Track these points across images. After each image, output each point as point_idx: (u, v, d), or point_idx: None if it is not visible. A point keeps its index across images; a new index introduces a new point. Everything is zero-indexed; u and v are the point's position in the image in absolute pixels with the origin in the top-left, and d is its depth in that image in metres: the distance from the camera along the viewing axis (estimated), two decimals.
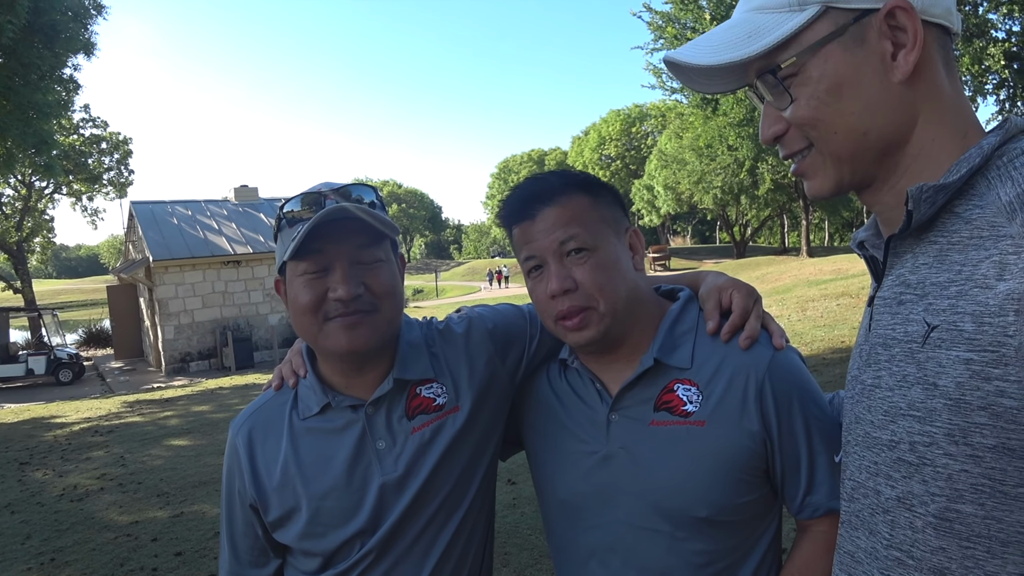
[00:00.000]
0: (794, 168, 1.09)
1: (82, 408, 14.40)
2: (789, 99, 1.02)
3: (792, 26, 0.99)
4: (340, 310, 1.40)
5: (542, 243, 1.38)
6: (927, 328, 0.93)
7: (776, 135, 1.07)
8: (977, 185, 0.95)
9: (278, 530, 1.51)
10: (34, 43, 15.09)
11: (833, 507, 1.38)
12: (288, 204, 1.45)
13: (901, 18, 0.98)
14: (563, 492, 1.51)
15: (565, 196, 1.39)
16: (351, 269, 1.41)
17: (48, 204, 36.98)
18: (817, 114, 1.00)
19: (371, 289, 1.42)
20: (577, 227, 1.37)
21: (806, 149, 1.05)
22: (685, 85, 1.18)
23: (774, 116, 1.06)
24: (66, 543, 6.09)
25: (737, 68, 1.10)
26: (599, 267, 1.37)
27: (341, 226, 1.39)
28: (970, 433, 0.87)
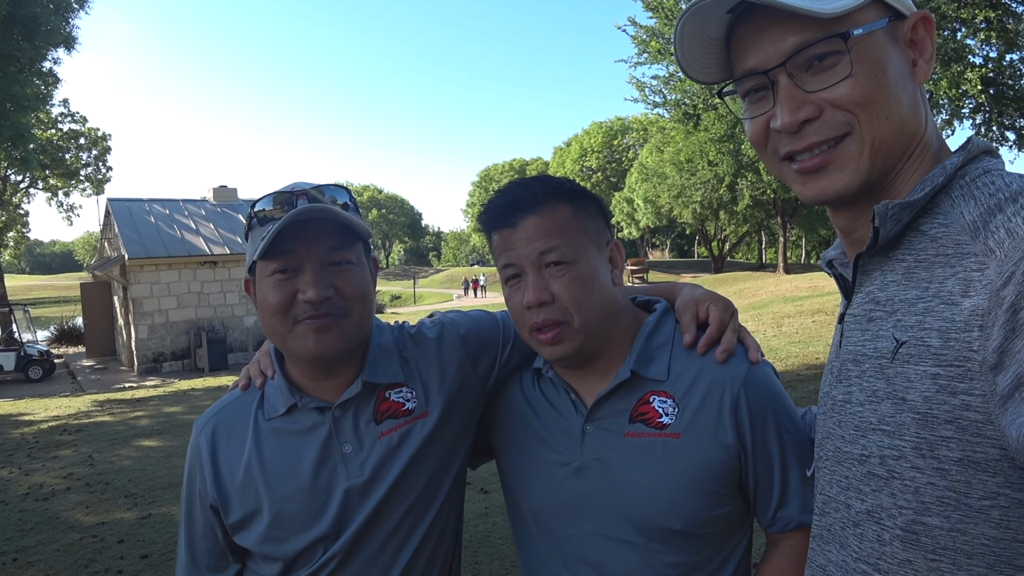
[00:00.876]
0: (812, 161, 1.03)
1: (51, 406, 14.20)
2: (846, 72, 0.98)
3: (853, 1, 0.97)
4: (309, 312, 1.38)
5: (521, 252, 1.36)
6: (896, 344, 0.95)
7: (808, 118, 1.01)
8: (941, 203, 0.99)
9: (239, 533, 1.47)
10: (14, 35, 14.97)
11: (804, 521, 1.39)
12: (260, 203, 1.43)
13: (923, 29, 1.03)
14: (535, 502, 1.50)
15: (548, 205, 1.37)
16: (321, 271, 1.39)
17: (23, 198, 36.52)
18: (874, 93, 0.98)
19: (341, 292, 1.40)
20: (557, 239, 1.35)
21: (839, 137, 1.01)
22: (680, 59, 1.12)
23: (801, 98, 1.01)
24: (30, 543, 5.99)
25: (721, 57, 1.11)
26: (576, 281, 1.35)
27: (312, 227, 1.37)
28: (937, 446, 0.89)
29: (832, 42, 0.98)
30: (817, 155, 1.03)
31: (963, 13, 14.89)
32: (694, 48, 1.11)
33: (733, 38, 1.08)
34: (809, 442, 1.44)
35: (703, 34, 1.09)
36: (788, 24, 0.99)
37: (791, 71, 1.01)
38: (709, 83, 1.17)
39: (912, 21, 1.03)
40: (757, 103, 1.08)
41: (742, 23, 1.06)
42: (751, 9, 1.03)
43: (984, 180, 0.96)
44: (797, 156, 1.05)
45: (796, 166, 1.06)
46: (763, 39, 1.02)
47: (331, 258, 1.40)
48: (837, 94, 0.99)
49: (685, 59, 1.12)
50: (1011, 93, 15.78)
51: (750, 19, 1.04)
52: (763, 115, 1.07)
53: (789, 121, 1.02)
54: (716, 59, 1.13)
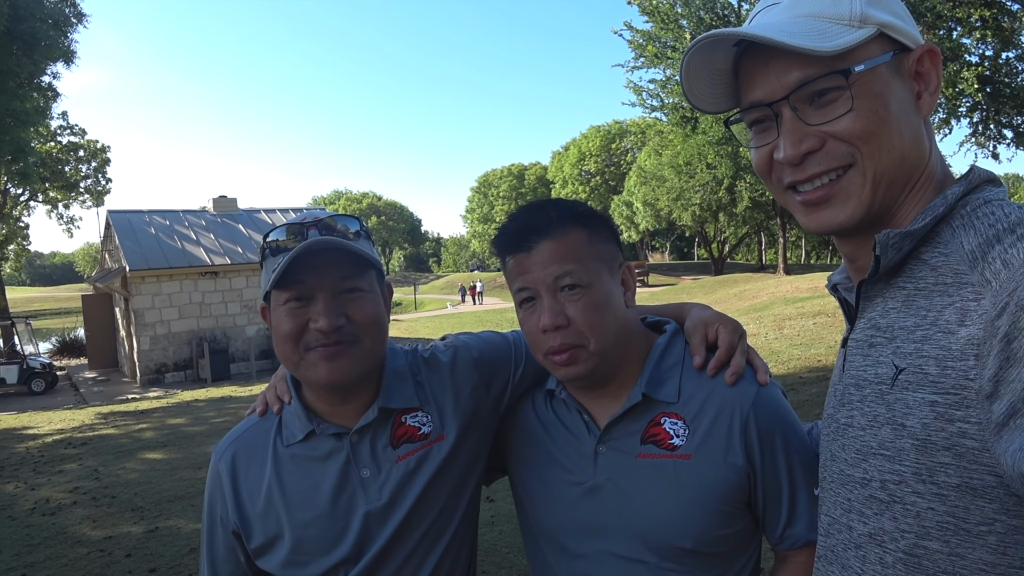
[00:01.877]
0: (816, 194, 1.05)
1: (55, 419, 14.22)
2: (847, 107, 1.00)
3: (855, 38, 0.99)
4: (321, 340, 1.40)
5: (536, 276, 1.38)
6: (895, 371, 0.97)
7: (810, 150, 1.03)
8: (942, 233, 1.00)
9: (261, 557, 1.50)
10: (13, 50, 15.00)
11: (812, 539, 1.40)
12: (273, 233, 1.46)
13: (929, 62, 1.05)
14: (548, 520, 1.52)
15: (562, 230, 1.39)
16: (333, 300, 1.41)
17: (23, 211, 36.59)
18: (875, 127, 1.00)
19: (353, 320, 1.42)
20: (572, 263, 1.37)
21: (842, 168, 1.03)
22: (686, 91, 1.15)
23: (803, 131, 1.03)
24: (37, 558, 6.01)
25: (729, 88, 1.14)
26: (591, 305, 1.37)
27: (323, 257, 1.40)
28: (936, 472, 0.91)
29: (833, 78, 1.00)
30: (820, 188, 1.05)
31: (958, 12, 14.92)
32: (700, 79, 1.13)
33: (741, 69, 1.11)
34: (816, 460, 1.44)
35: (710, 66, 1.11)
36: (792, 59, 1.01)
37: (794, 104, 1.03)
38: (716, 112, 1.19)
39: (918, 54, 1.04)
40: (762, 133, 1.10)
41: (748, 55, 1.08)
42: (756, 43, 1.04)
43: (984, 210, 0.97)
44: (800, 187, 1.07)
45: (800, 198, 1.08)
46: (768, 73, 1.04)
47: (343, 286, 1.43)
48: (838, 128, 1.01)
49: (691, 90, 1.14)
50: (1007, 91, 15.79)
51: (756, 52, 1.06)
52: (767, 145, 1.09)
53: (792, 154, 1.04)
54: (724, 89, 1.15)
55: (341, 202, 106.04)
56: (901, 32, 1.03)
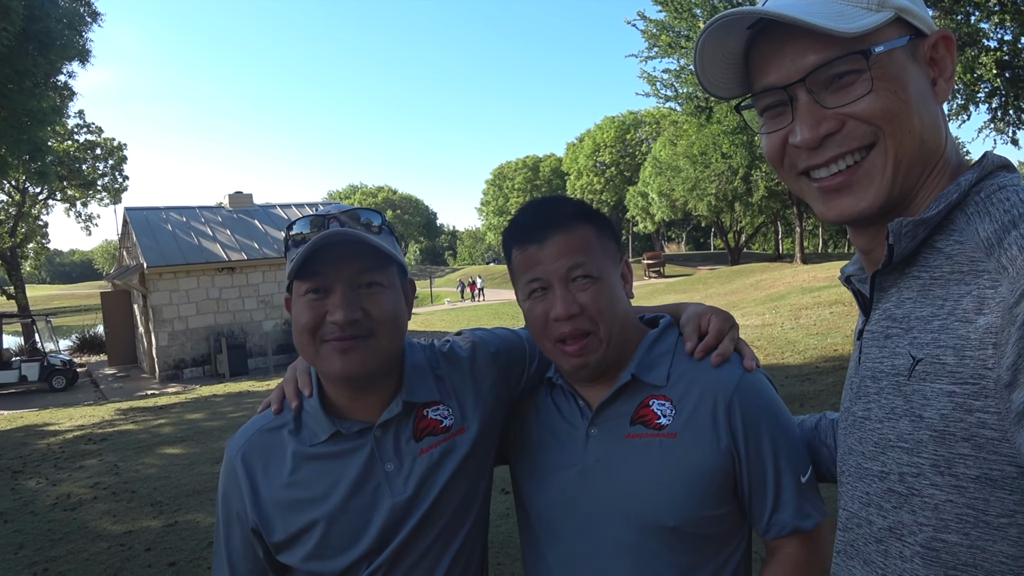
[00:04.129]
0: (835, 179, 1.04)
1: (75, 415, 14.36)
2: (866, 89, 0.98)
3: (874, 21, 0.98)
4: (336, 333, 1.40)
5: (550, 267, 1.43)
6: (912, 361, 0.96)
7: (829, 132, 1.02)
8: (956, 220, 0.99)
9: (283, 552, 1.50)
10: (29, 50, 15.10)
11: (799, 526, 1.43)
12: (296, 225, 1.47)
13: (943, 49, 1.04)
14: (539, 504, 1.55)
15: (574, 224, 1.46)
16: (350, 293, 1.42)
17: (42, 210, 36.89)
18: (897, 108, 0.98)
19: (369, 314, 1.42)
20: (584, 256, 1.43)
21: (864, 149, 1.01)
22: (699, 75, 1.13)
23: (821, 114, 1.01)
24: (59, 553, 6.08)
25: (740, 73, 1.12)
26: (601, 294, 1.43)
27: (344, 249, 1.41)
28: (954, 464, 0.90)
29: (853, 60, 0.98)
30: (840, 173, 1.03)
31: None
32: (715, 64, 1.12)
33: (752, 53, 1.09)
34: (804, 449, 1.49)
35: (723, 50, 1.10)
36: (809, 41, 1.00)
37: (811, 87, 1.01)
38: (728, 98, 1.18)
39: (932, 40, 1.03)
40: (775, 119, 1.08)
41: (762, 39, 1.06)
42: (771, 25, 1.03)
43: (999, 196, 0.96)
44: (814, 172, 1.05)
45: (818, 184, 1.06)
46: (783, 55, 1.03)
47: (361, 280, 1.43)
48: (859, 108, 0.99)
49: (705, 75, 1.13)
50: None
51: (770, 35, 1.04)
52: (781, 130, 1.07)
53: (810, 136, 1.02)
54: (735, 74, 1.14)
55: (356, 196, 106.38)
56: (916, 17, 1.02)
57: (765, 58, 1.06)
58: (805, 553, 1.45)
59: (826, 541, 1.48)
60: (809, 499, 1.45)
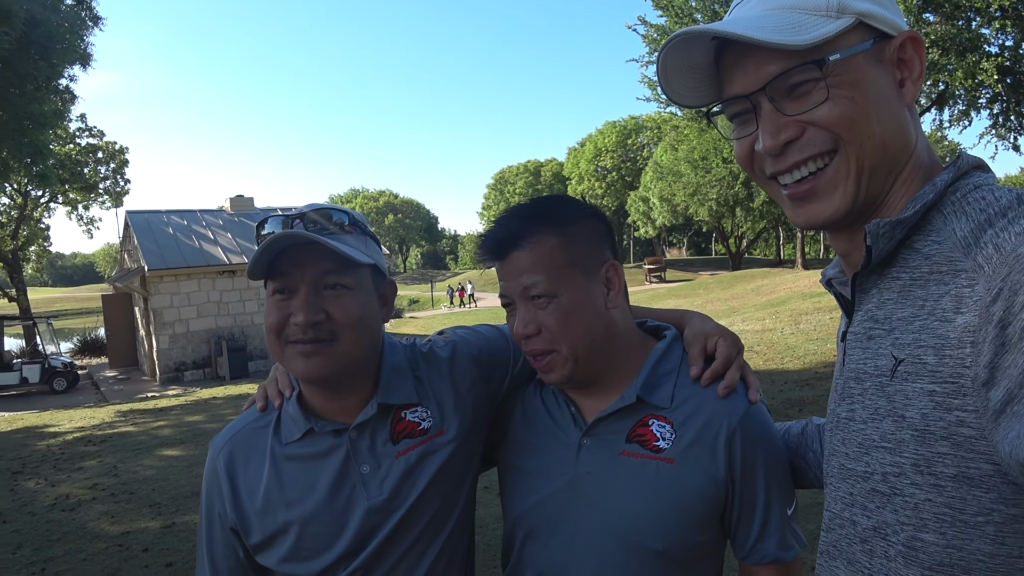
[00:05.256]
0: (802, 188, 1.05)
1: (75, 417, 14.39)
2: (823, 97, 0.99)
3: (832, 29, 0.99)
4: (298, 335, 1.39)
5: (510, 285, 1.43)
6: (894, 362, 0.97)
7: (789, 139, 1.03)
8: (934, 220, 0.99)
9: (260, 553, 1.50)
10: (30, 54, 15.11)
11: (780, 557, 1.44)
12: (268, 224, 1.45)
13: (911, 49, 1.04)
14: (523, 508, 1.53)
15: (533, 238, 1.41)
16: (314, 295, 1.40)
17: (44, 213, 36.88)
18: (854, 114, 0.99)
19: (332, 317, 1.41)
20: (540, 274, 1.39)
21: (827, 155, 1.02)
22: (664, 86, 1.14)
23: (781, 122, 1.03)
24: (57, 553, 6.10)
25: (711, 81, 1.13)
26: (558, 313, 1.39)
27: (308, 250, 1.39)
28: (934, 463, 0.91)
29: (807, 70, 0.99)
30: (805, 181, 1.04)
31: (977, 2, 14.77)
32: (680, 75, 1.13)
33: (721, 63, 1.11)
34: (791, 481, 1.49)
35: (689, 62, 1.11)
36: (769, 52, 1.01)
37: (771, 95, 1.03)
38: (697, 107, 1.19)
39: (899, 41, 1.03)
40: (743, 125, 1.10)
41: (728, 50, 1.08)
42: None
43: (975, 195, 0.97)
44: (781, 177, 1.07)
45: (787, 192, 1.07)
46: (745, 65, 1.04)
47: (325, 282, 1.41)
48: (816, 116, 1.00)
49: (670, 86, 1.14)
50: None
51: (735, 46, 1.06)
52: (748, 136, 1.09)
53: (771, 144, 1.04)
54: (705, 83, 1.15)
55: (358, 200, 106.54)
56: (882, 20, 1.02)
57: (731, 68, 1.07)
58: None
59: (801, 571, 1.51)
60: (792, 531, 1.46)
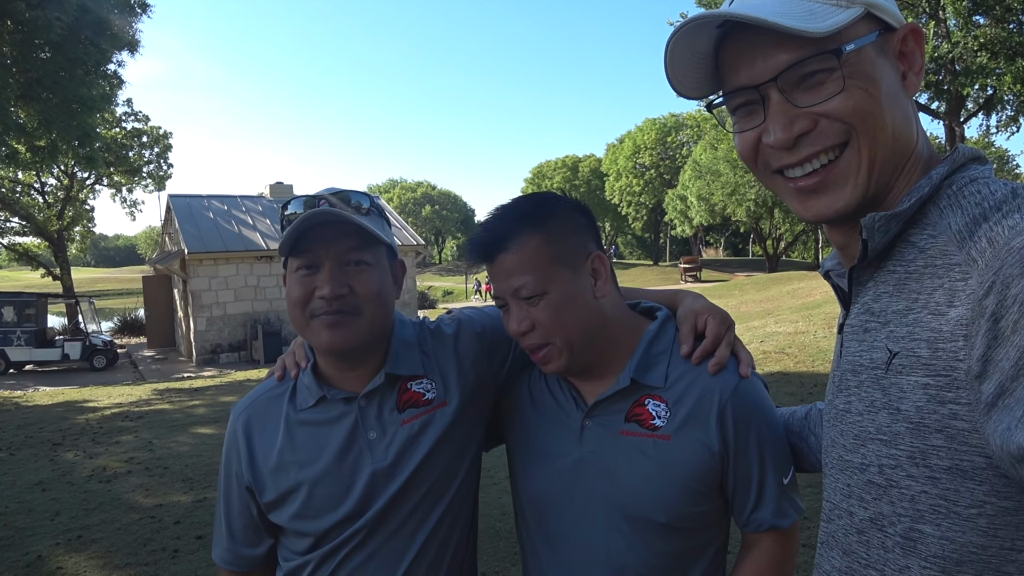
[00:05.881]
0: (811, 180, 1.03)
1: (114, 394, 14.62)
2: (838, 88, 0.97)
3: (845, 18, 0.97)
4: (324, 308, 1.49)
5: (500, 286, 1.48)
6: (889, 355, 0.97)
7: (802, 132, 1.00)
8: (930, 214, 0.99)
9: (273, 511, 1.59)
10: (80, 39, 15.44)
11: (777, 524, 1.49)
12: (291, 205, 1.55)
13: (912, 42, 1.04)
14: (534, 487, 1.60)
15: (516, 240, 1.45)
16: (338, 270, 1.49)
17: (89, 195, 37.62)
18: (869, 106, 0.97)
19: (355, 291, 1.50)
20: (528, 274, 1.43)
21: (837, 148, 1.00)
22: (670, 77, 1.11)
23: (793, 114, 1.00)
24: (93, 521, 6.27)
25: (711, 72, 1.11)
26: (549, 308, 1.44)
27: (333, 229, 1.49)
28: (928, 455, 0.91)
29: (824, 59, 0.97)
30: (815, 173, 1.03)
31: None
32: (684, 64, 1.10)
33: (723, 52, 1.07)
34: (788, 450, 1.54)
35: (693, 50, 1.08)
36: (779, 41, 0.98)
37: (782, 87, 1.00)
38: (697, 98, 1.16)
39: (902, 34, 1.03)
40: (746, 117, 1.07)
41: (732, 38, 1.05)
42: (741, 24, 1.01)
43: (970, 189, 0.96)
44: (788, 171, 1.05)
45: (793, 185, 1.05)
46: (754, 55, 1.01)
47: (348, 258, 1.51)
48: (831, 107, 0.98)
49: (675, 76, 1.11)
50: None
51: (740, 34, 1.03)
52: (753, 129, 1.06)
53: (783, 137, 1.01)
54: (705, 73, 1.12)
55: (396, 190, 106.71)
56: (885, 11, 1.01)
57: (736, 57, 1.04)
58: (779, 549, 1.51)
59: (798, 537, 1.56)
60: (789, 499, 1.50)
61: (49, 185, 35.62)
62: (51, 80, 15.22)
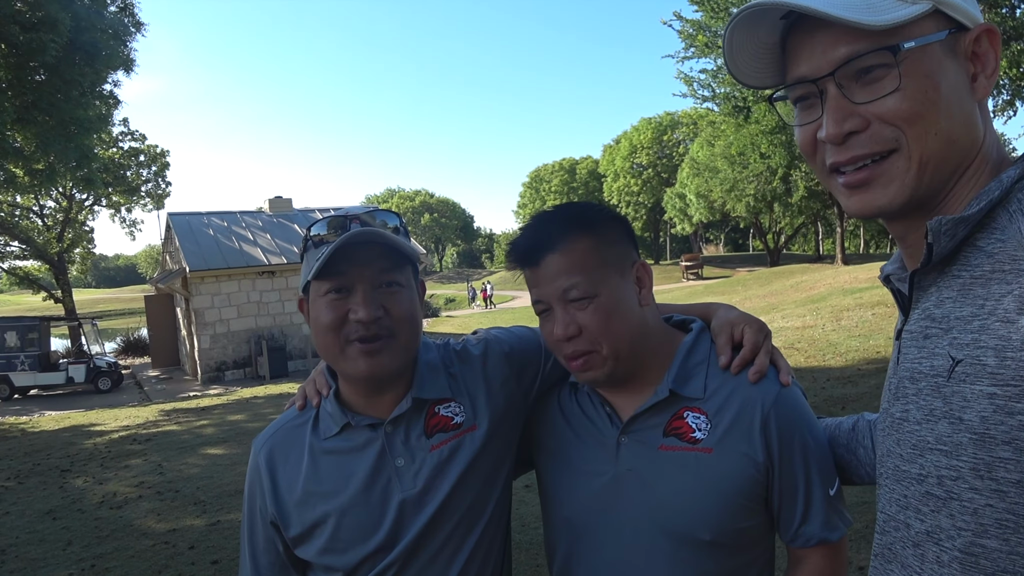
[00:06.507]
0: (858, 176, 1.02)
1: (120, 416, 14.65)
2: (894, 86, 0.95)
3: (907, 13, 0.95)
4: (360, 332, 1.43)
5: (546, 290, 1.42)
6: (952, 362, 0.93)
7: (853, 130, 0.99)
8: (998, 218, 0.95)
9: (300, 546, 1.53)
10: (75, 60, 15.46)
11: (825, 538, 1.43)
12: (315, 227, 1.50)
13: (987, 43, 1.00)
14: (569, 510, 1.54)
15: (567, 241, 1.42)
16: (372, 292, 1.44)
17: (88, 215, 37.68)
18: (923, 108, 0.95)
19: (390, 313, 1.45)
20: (578, 275, 1.40)
21: (885, 152, 0.99)
22: (729, 65, 1.11)
23: (848, 110, 0.99)
24: (106, 550, 6.22)
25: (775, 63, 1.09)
26: (600, 312, 1.40)
27: (365, 250, 1.44)
28: (995, 468, 0.88)
29: (880, 55, 0.95)
30: (863, 169, 1.01)
31: None
32: (745, 53, 1.10)
33: (788, 44, 1.07)
34: (832, 461, 1.49)
35: (755, 40, 1.08)
36: (840, 33, 0.97)
37: (840, 81, 0.99)
38: (761, 87, 1.15)
39: (975, 34, 0.99)
40: (807, 110, 1.06)
41: (796, 29, 1.04)
42: (804, 15, 1.00)
43: None
44: (843, 168, 1.03)
45: (842, 180, 1.04)
46: (814, 47, 1.00)
47: (381, 280, 1.46)
48: (884, 108, 0.96)
49: (735, 65, 1.11)
50: None
51: (804, 25, 1.02)
52: (812, 123, 1.05)
53: (834, 132, 1.00)
54: (770, 63, 1.11)
55: (394, 200, 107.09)
56: (958, 9, 0.98)
57: (798, 49, 1.04)
58: (829, 563, 1.46)
59: (847, 551, 1.50)
60: (836, 511, 1.45)
61: (48, 207, 35.68)
62: (47, 103, 15.21)
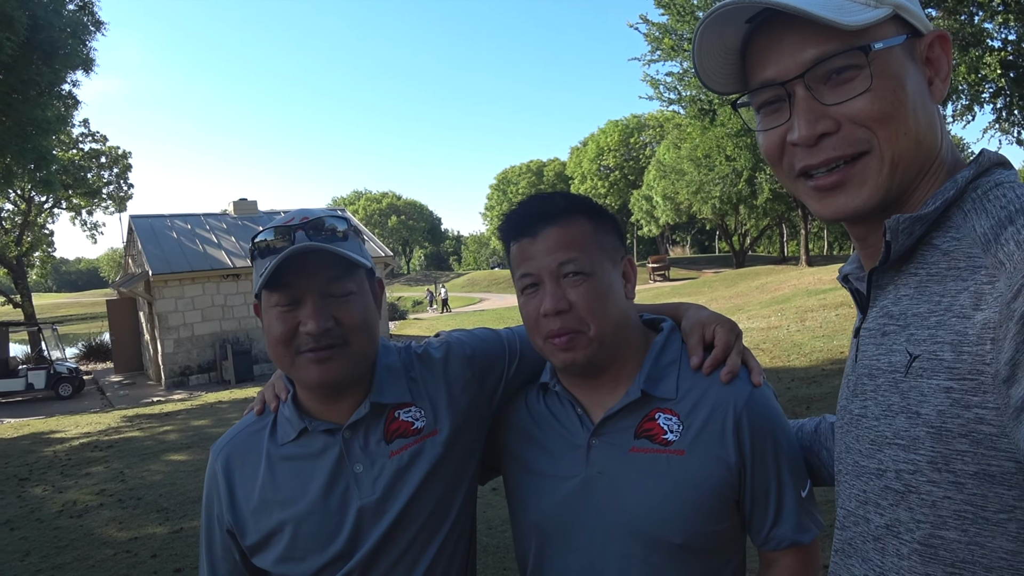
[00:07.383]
0: (829, 179, 1.02)
1: (82, 423, 14.39)
2: (865, 86, 0.97)
3: (874, 16, 0.97)
4: (310, 344, 1.41)
5: (541, 262, 1.40)
6: (909, 358, 0.96)
7: (825, 132, 1.00)
8: (953, 217, 0.98)
9: (256, 555, 1.51)
10: (33, 59, 15.13)
11: (797, 540, 1.43)
12: (261, 234, 1.47)
13: (939, 49, 1.03)
14: (538, 515, 1.52)
15: (568, 218, 1.41)
16: (321, 303, 1.42)
17: (48, 218, 37.02)
18: (893, 109, 0.97)
19: (341, 322, 1.43)
20: (576, 251, 1.39)
21: (857, 155, 1.00)
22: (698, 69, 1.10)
23: (819, 112, 0.99)
24: (65, 560, 6.09)
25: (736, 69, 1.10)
26: (592, 291, 1.39)
27: (311, 259, 1.40)
28: (952, 460, 0.89)
29: (853, 55, 0.96)
30: (835, 172, 1.01)
31: None
32: (712, 58, 1.09)
33: (750, 48, 1.07)
34: (804, 463, 1.48)
35: (721, 44, 1.08)
36: (808, 35, 0.98)
37: (809, 83, 0.99)
38: (726, 93, 1.15)
39: (929, 40, 1.02)
40: (772, 115, 1.06)
41: (760, 33, 1.04)
42: (770, 19, 1.01)
43: (996, 193, 0.96)
44: (813, 171, 1.03)
45: (812, 183, 1.04)
46: (781, 49, 1.01)
47: (331, 290, 1.43)
48: (855, 109, 0.97)
49: (703, 70, 1.11)
50: None
51: (768, 29, 1.03)
52: (779, 127, 1.05)
53: (807, 134, 1.00)
54: (731, 69, 1.12)
55: (361, 202, 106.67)
56: (913, 16, 1.01)
57: (763, 52, 1.04)
58: (800, 566, 1.45)
59: (820, 554, 1.50)
60: (808, 513, 1.45)
61: (6, 210, 34.93)
62: (3, 102, 14.88)
